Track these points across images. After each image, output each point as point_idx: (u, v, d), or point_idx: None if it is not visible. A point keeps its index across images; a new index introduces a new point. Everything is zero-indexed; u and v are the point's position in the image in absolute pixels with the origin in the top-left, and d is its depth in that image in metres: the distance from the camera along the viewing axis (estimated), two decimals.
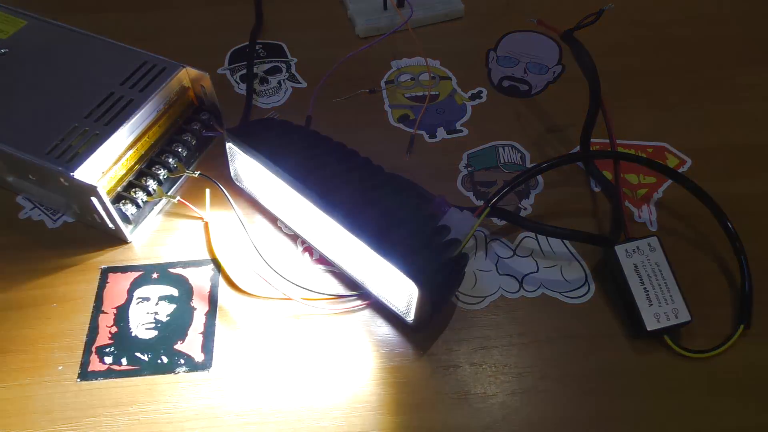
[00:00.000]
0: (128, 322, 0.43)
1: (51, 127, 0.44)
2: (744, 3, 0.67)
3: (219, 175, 0.49)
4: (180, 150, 0.49)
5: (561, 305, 0.44)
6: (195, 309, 0.43)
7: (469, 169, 0.52)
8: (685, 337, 0.41)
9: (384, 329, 0.43)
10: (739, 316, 0.42)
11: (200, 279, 0.45)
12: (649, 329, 0.40)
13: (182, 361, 0.41)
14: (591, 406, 0.39)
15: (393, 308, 0.42)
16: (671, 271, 0.42)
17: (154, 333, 0.42)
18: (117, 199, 0.46)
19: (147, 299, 0.44)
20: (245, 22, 0.64)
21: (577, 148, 0.52)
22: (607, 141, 0.49)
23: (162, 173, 0.47)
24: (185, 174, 0.50)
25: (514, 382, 0.40)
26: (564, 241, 0.47)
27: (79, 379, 0.40)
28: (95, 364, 0.41)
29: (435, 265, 0.38)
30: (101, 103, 0.46)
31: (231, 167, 0.48)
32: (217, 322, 0.43)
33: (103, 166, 0.44)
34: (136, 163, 0.47)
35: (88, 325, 0.42)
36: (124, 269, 0.45)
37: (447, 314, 0.43)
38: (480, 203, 0.49)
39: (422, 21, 0.64)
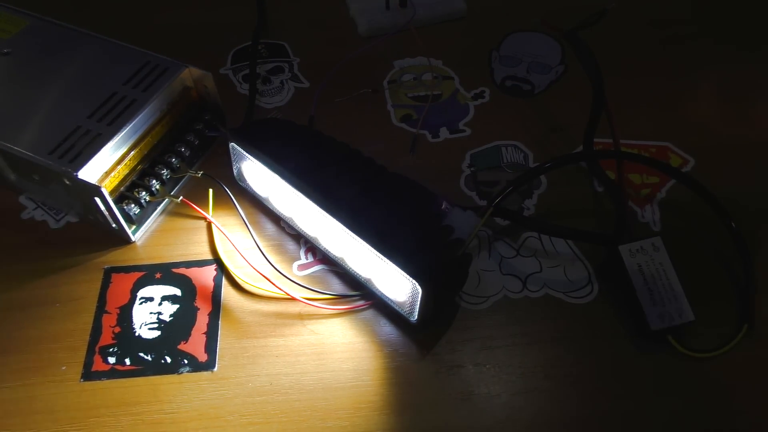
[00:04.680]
0: (131, 322, 0.43)
1: (54, 127, 0.44)
2: (747, 2, 0.67)
3: (222, 175, 0.49)
4: (183, 150, 0.49)
5: (564, 305, 0.44)
6: (198, 309, 0.43)
7: (472, 168, 0.52)
8: (688, 336, 0.41)
9: (387, 329, 0.42)
10: (742, 315, 0.42)
11: (203, 279, 0.45)
12: (653, 329, 0.40)
13: (186, 362, 0.41)
14: (595, 405, 0.39)
15: (396, 308, 0.42)
16: (675, 271, 0.42)
17: (158, 333, 0.42)
18: (120, 199, 0.46)
19: (150, 299, 0.44)
20: (248, 22, 0.64)
21: (580, 147, 0.52)
22: (611, 140, 0.49)
23: (165, 173, 0.47)
24: (188, 174, 0.50)
25: (518, 382, 0.40)
26: (567, 240, 0.47)
27: (82, 379, 0.40)
28: (98, 364, 0.41)
29: (438, 265, 0.38)
30: (104, 103, 0.46)
31: (234, 167, 0.48)
32: (221, 322, 0.43)
33: (107, 166, 0.44)
34: (139, 163, 0.47)
35: (91, 325, 0.42)
36: (128, 269, 0.45)
37: (450, 314, 0.43)
38: (483, 203, 0.49)
39: (424, 21, 0.64)
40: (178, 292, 0.44)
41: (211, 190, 0.49)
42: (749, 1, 0.67)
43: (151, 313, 0.43)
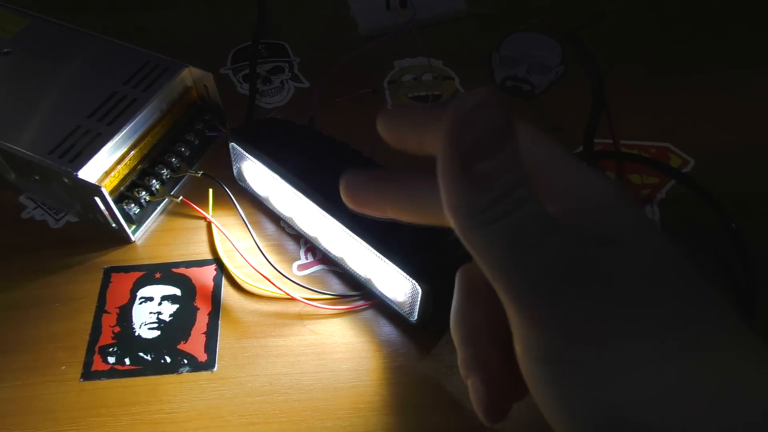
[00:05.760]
0: (131, 322, 0.43)
1: (54, 127, 0.44)
2: (749, 2, 0.67)
3: (222, 175, 0.49)
4: (183, 150, 0.49)
5: None
6: (198, 309, 0.43)
7: None
8: None
9: (387, 329, 0.42)
10: (742, 316, 0.42)
11: (203, 279, 0.45)
12: None
13: (185, 361, 0.41)
14: None
15: (396, 308, 0.42)
16: None
17: (157, 333, 0.42)
18: (120, 198, 0.46)
19: (150, 299, 0.44)
20: (248, 22, 0.64)
21: (581, 148, 0.52)
22: (611, 141, 0.49)
23: (165, 173, 0.47)
24: (188, 174, 0.50)
25: None
26: None
27: (82, 379, 0.40)
28: (98, 364, 0.41)
29: (438, 265, 0.38)
30: (104, 103, 0.46)
31: (234, 167, 0.48)
32: (221, 322, 0.43)
33: (107, 166, 0.44)
34: (139, 163, 0.47)
35: (91, 325, 0.42)
36: (127, 269, 0.45)
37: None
38: None
39: (425, 21, 0.64)
40: (177, 291, 0.44)
41: (211, 190, 0.49)
42: (747, 2, 0.67)
43: (150, 312, 0.43)
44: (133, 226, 0.47)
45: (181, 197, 0.48)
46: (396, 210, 0.22)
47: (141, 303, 0.44)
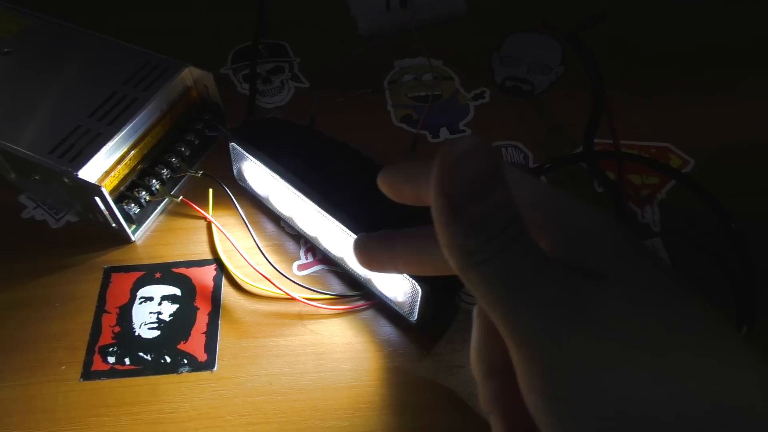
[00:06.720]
0: (131, 322, 0.43)
1: (55, 127, 0.44)
2: (750, 2, 0.67)
3: (222, 175, 0.49)
4: (183, 150, 0.49)
5: None
6: (198, 309, 0.43)
7: None
8: None
9: (387, 329, 0.42)
10: (742, 316, 0.42)
11: (203, 279, 0.45)
12: None
13: (185, 361, 0.41)
14: None
15: (396, 308, 0.42)
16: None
17: (157, 333, 0.42)
18: (120, 198, 0.46)
19: (150, 299, 0.44)
20: (248, 22, 0.64)
21: (581, 148, 0.52)
22: (611, 141, 0.49)
23: (165, 173, 0.47)
24: (188, 174, 0.50)
25: None
26: None
27: (81, 379, 0.40)
28: (98, 364, 0.41)
29: None
30: (104, 103, 0.45)
31: (234, 167, 0.48)
32: (221, 322, 0.43)
33: (107, 166, 0.44)
34: (139, 163, 0.47)
35: (91, 325, 0.42)
36: (127, 269, 0.45)
37: (450, 314, 0.43)
38: None
39: (425, 21, 0.64)
40: (177, 291, 0.44)
41: (211, 190, 0.49)
42: (745, 3, 0.67)
43: (150, 312, 0.43)
44: (133, 226, 0.47)
45: (181, 197, 0.48)
46: (406, 265, 0.24)
47: (141, 303, 0.44)
